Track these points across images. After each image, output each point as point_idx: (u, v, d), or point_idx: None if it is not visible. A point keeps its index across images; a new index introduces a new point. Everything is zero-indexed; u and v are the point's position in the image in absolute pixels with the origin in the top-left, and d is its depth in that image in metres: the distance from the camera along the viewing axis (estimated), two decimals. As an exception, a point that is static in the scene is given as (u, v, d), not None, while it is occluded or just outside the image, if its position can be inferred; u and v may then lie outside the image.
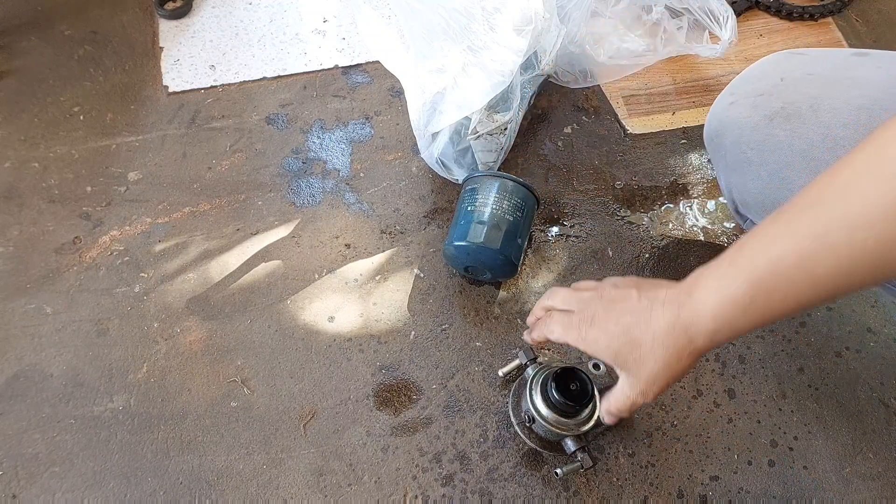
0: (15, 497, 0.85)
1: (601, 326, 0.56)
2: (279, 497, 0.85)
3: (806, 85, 0.68)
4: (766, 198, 0.70)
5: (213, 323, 0.98)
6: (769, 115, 0.69)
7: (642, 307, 0.54)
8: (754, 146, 0.70)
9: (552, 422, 0.71)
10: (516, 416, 0.74)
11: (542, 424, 0.72)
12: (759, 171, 0.70)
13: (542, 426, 0.72)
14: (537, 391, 0.72)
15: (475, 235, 0.91)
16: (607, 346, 0.55)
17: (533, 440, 0.73)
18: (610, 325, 0.55)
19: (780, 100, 0.69)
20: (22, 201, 1.09)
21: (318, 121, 1.17)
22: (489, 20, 0.94)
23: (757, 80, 0.74)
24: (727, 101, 0.75)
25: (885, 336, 0.96)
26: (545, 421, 0.71)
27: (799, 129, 0.66)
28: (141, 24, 1.30)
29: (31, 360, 0.95)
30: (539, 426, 0.72)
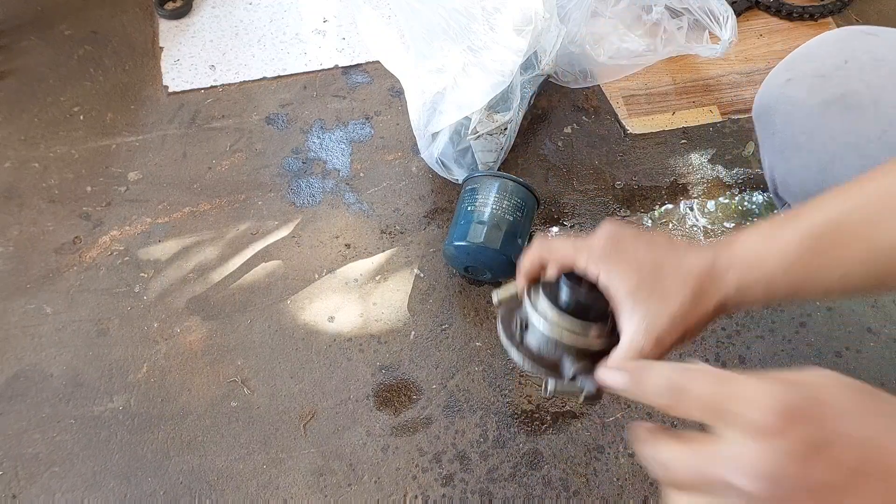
0: (15, 497, 0.85)
1: (628, 251, 0.47)
2: (279, 497, 0.85)
3: (871, 72, 0.63)
4: (809, 186, 0.66)
5: (213, 323, 0.98)
6: (827, 101, 0.64)
7: (677, 245, 0.48)
8: (807, 132, 0.65)
9: (554, 321, 0.50)
10: (506, 329, 0.54)
11: (542, 328, 0.51)
12: (807, 158, 0.66)
13: (540, 332, 0.51)
14: (539, 292, 0.52)
15: (475, 235, 0.91)
16: (629, 272, 0.46)
17: (524, 352, 0.51)
18: (639, 253, 0.47)
19: (840, 86, 0.63)
20: (22, 201, 1.09)
21: (318, 121, 1.17)
22: (489, 20, 0.94)
23: (818, 58, 0.67)
24: (783, 78, 0.69)
25: (885, 336, 0.96)
26: (546, 320, 0.50)
27: (856, 122, 0.61)
28: (141, 24, 1.30)
29: (31, 360, 0.95)
30: (535, 334, 0.51)
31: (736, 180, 1.10)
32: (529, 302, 0.52)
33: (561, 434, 0.89)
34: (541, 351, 0.51)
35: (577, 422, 0.90)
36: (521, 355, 0.51)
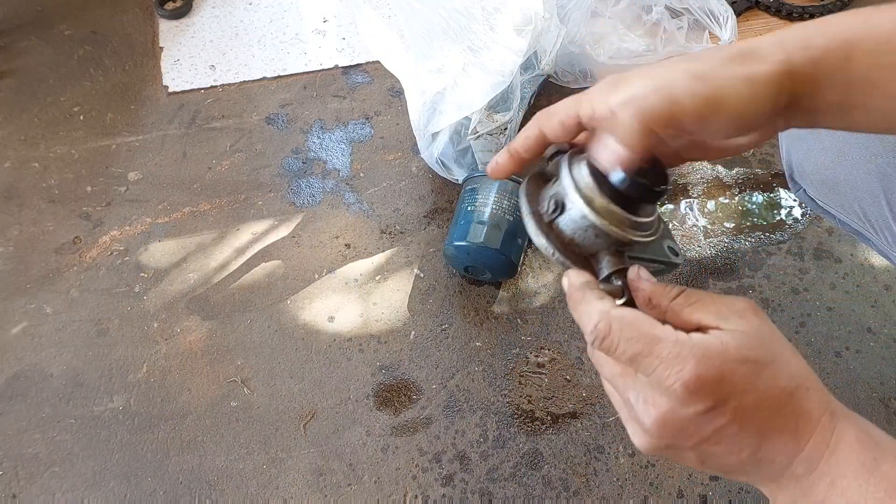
0: (15, 497, 0.85)
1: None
2: (279, 497, 0.85)
3: None
4: (826, 171, 0.67)
5: (213, 323, 0.98)
6: None
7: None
8: None
9: (601, 208, 0.39)
10: (531, 203, 0.43)
11: (579, 213, 0.40)
12: (824, 142, 0.66)
13: (577, 218, 0.40)
14: (582, 165, 0.41)
15: (475, 235, 0.91)
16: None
17: (553, 241, 0.41)
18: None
19: None
20: (22, 201, 1.09)
21: (318, 121, 1.17)
22: (489, 20, 0.94)
23: None
24: None
25: (885, 336, 0.96)
26: (590, 206, 0.40)
27: None
28: (141, 24, 1.30)
29: (31, 360, 0.95)
30: (572, 218, 0.41)
31: (736, 180, 1.10)
32: (571, 178, 0.41)
33: (561, 434, 0.89)
34: (575, 239, 0.42)
35: (577, 422, 0.90)
36: (549, 242, 0.42)
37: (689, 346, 0.34)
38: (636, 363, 0.35)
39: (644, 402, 0.36)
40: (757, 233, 1.05)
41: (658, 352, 0.34)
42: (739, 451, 0.35)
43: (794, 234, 1.04)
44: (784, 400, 0.35)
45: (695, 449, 0.36)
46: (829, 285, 0.99)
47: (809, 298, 0.98)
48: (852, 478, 0.35)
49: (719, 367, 0.34)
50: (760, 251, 1.03)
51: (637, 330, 0.35)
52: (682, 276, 1.01)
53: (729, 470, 0.37)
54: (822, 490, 0.35)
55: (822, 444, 0.35)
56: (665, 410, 0.35)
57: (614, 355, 0.36)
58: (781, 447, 0.35)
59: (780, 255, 1.02)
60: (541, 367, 0.94)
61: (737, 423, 0.35)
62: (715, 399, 0.34)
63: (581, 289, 0.39)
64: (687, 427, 0.35)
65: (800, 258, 1.02)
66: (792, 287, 0.99)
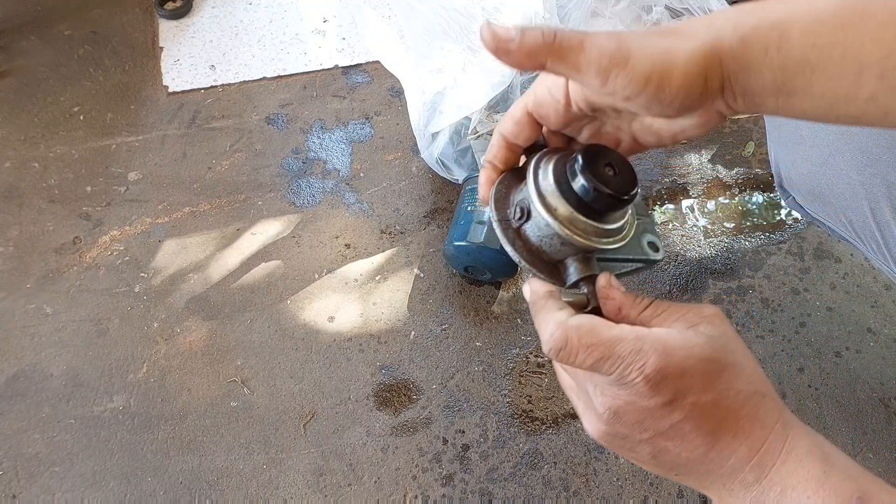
0: (15, 497, 0.85)
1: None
2: (279, 497, 0.85)
3: None
4: (811, 180, 0.67)
5: (213, 323, 0.98)
6: None
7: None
8: (809, 126, 0.65)
9: (564, 219, 0.39)
10: (499, 210, 0.42)
11: (543, 222, 0.40)
12: (809, 152, 0.66)
13: (542, 226, 0.40)
14: (548, 171, 0.40)
15: (475, 235, 0.91)
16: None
17: (518, 248, 0.41)
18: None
19: None
20: (22, 201, 1.09)
21: (318, 121, 1.17)
22: (489, 20, 0.94)
23: None
24: None
25: (885, 336, 0.96)
26: (552, 215, 0.39)
27: None
28: (141, 24, 1.30)
29: (31, 360, 0.95)
30: (538, 226, 0.40)
31: (736, 180, 1.10)
32: (535, 186, 0.40)
33: (561, 434, 0.89)
34: (542, 247, 0.41)
35: (577, 422, 0.90)
36: (515, 250, 0.41)
37: (651, 340, 0.34)
38: (597, 369, 0.35)
39: (602, 395, 0.36)
40: (757, 233, 1.05)
41: (619, 352, 0.34)
42: (693, 450, 0.36)
43: (794, 234, 1.04)
44: (741, 403, 0.36)
45: (649, 443, 0.36)
46: (829, 285, 0.99)
47: (809, 298, 0.98)
48: (801, 489, 0.35)
49: (681, 362, 0.34)
50: (760, 251, 1.03)
51: (596, 336, 0.35)
52: (682, 276, 1.01)
53: (680, 469, 0.37)
54: (771, 499, 0.35)
55: (773, 452, 0.36)
56: (624, 402, 0.35)
57: (574, 364, 0.35)
58: (735, 450, 0.35)
59: (781, 255, 1.02)
60: (541, 367, 0.94)
61: (693, 420, 0.35)
62: (674, 392, 0.34)
63: (543, 298, 0.39)
64: (644, 419, 0.35)
65: (800, 258, 1.02)
66: (792, 287, 0.99)
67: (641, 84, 0.33)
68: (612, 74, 0.33)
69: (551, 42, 0.34)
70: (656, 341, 0.34)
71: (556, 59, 0.34)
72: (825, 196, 0.66)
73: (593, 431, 0.38)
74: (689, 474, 0.37)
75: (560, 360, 0.36)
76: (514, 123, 0.41)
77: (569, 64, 0.34)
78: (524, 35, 0.34)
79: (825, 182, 0.65)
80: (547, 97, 0.40)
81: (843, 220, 0.66)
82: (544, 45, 0.34)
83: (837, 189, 0.64)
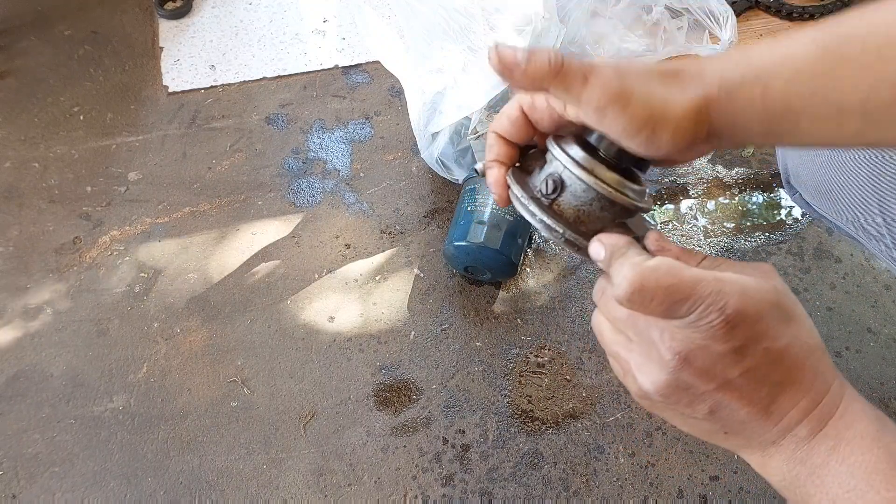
0: (15, 497, 0.85)
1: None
2: (279, 497, 0.85)
3: None
4: (819, 178, 0.67)
5: (213, 323, 0.98)
6: None
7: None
8: None
9: (603, 177, 0.39)
10: (526, 190, 0.41)
11: (583, 186, 0.39)
12: (818, 149, 0.66)
13: (580, 192, 0.39)
14: (571, 143, 0.40)
15: (475, 235, 0.91)
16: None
17: (557, 217, 0.40)
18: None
19: None
20: (22, 201, 1.09)
21: (318, 121, 1.17)
22: (489, 20, 0.94)
23: None
24: None
25: (885, 336, 0.96)
26: (593, 175, 0.39)
27: None
28: (141, 24, 1.30)
29: (31, 360, 0.95)
30: (572, 195, 0.40)
31: (736, 180, 1.10)
32: (568, 155, 0.40)
33: (561, 434, 0.89)
34: (580, 216, 0.40)
35: (577, 422, 0.90)
36: (558, 223, 0.39)
37: (730, 282, 0.33)
38: (673, 312, 0.33)
39: (672, 339, 0.34)
40: (757, 233, 1.05)
41: (700, 291, 0.33)
42: (756, 402, 0.35)
43: (794, 234, 1.04)
44: (805, 354, 0.35)
45: (711, 395, 0.35)
46: (829, 285, 0.99)
47: (809, 298, 0.98)
48: (856, 445, 0.34)
49: (757, 306, 0.33)
50: (760, 251, 1.03)
51: (676, 276, 0.33)
52: (682, 276, 1.01)
53: (733, 426, 0.36)
54: (822, 454, 0.35)
55: (832, 406, 0.35)
56: (697, 346, 0.33)
57: (648, 309, 0.33)
58: (797, 402, 0.35)
59: (781, 255, 1.02)
60: (541, 367, 0.94)
61: (763, 368, 0.34)
62: (748, 337, 0.33)
63: (624, 246, 0.37)
64: (715, 365, 0.34)
65: (800, 258, 1.02)
66: (792, 287, 0.99)
67: (636, 129, 0.35)
68: (610, 114, 0.35)
69: (557, 71, 0.35)
70: (735, 283, 0.33)
71: (558, 87, 0.35)
72: (833, 193, 0.66)
73: (652, 384, 0.35)
74: (740, 432, 0.36)
75: (633, 304, 0.34)
76: (510, 123, 0.42)
77: (570, 95, 0.36)
78: (530, 61, 0.35)
79: (833, 179, 0.64)
80: (543, 102, 0.40)
81: (850, 218, 0.66)
82: (549, 73, 0.35)
83: (846, 186, 0.64)
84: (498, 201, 0.43)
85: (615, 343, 0.38)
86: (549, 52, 0.35)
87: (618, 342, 0.38)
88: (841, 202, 0.66)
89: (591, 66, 0.35)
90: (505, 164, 0.43)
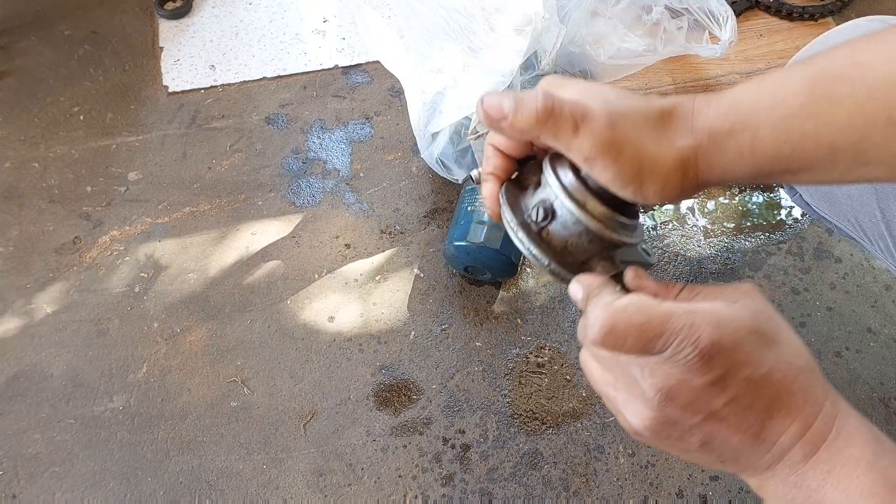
0: (15, 497, 0.85)
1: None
2: (279, 497, 0.85)
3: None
4: None
5: (213, 323, 0.98)
6: None
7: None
8: None
9: (593, 213, 0.38)
10: (516, 214, 0.41)
11: (573, 218, 0.39)
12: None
13: (570, 223, 0.39)
14: (567, 170, 0.39)
15: (475, 235, 0.91)
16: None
17: (545, 251, 0.40)
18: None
19: None
20: (22, 201, 1.09)
21: (318, 121, 1.17)
22: (489, 20, 0.94)
23: None
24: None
25: (885, 336, 0.96)
26: (583, 210, 0.38)
27: None
28: (141, 24, 1.30)
29: (31, 360, 0.95)
30: (561, 225, 0.39)
31: (736, 180, 1.10)
32: (559, 184, 0.39)
33: (561, 434, 0.89)
34: (567, 247, 0.40)
35: (577, 422, 0.90)
36: (543, 252, 0.40)
37: (701, 313, 0.33)
38: (649, 349, 0.33)
39: (651, 376, 0.34)
40: (757, 233, 1.05)
41: (671, 327, 0.32)
42: (745, 430, 0.34)
43: (794, 234, 1.04)
44: (792, 377, 0.35)
45: (700, 428, 0.34)
46: (829, 285, 0.99)
47: (809, 298, 0.98)
48: (851, 468, 0.34)
49: (733, 335, 0.33)
50: (760, 251, 1.03)
51: (646, 314, 0.33)
52: (682, 277, 1.01)
53: (727, 455, 0.36)
54: (817, 478, 0.34)
55: (824, 429, 0.35)
56: (677, 381, 0.33)
57: (623, 348, 0.33)
58: (786, 427, 0.34)
59: (781, 255, 1.02)
60: (541, 367, 0.94)
61: (748, 396, 0.34)
62: (728, 367, 0.33)
63: (598, 287, 0.37)
64: (697, 399, 0.34)
65: (800, 258, 1.02)
66: (792, 287, 0.99)
67: (626, 181, 0.36)
68: (600, 165, 0.35)
69: (545, 119, 0.35)
70: (707, 314, 0.33)
71: (547, 136, 0.35)
72: (834, 195, 0.66)
73: (640, 422, 0.35)
74: (735, 460, 0.36)
75: (608, 345, 0.33)
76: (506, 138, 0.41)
77: (560, 143, 0.36)
78: (517, 112, 0.35)
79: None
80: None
81: (850, 219, 0.65)
82: (537, 123, 0.35)
83: (847, 188, 0.63)
84: (491, 216, 0.43)
85: (604, 383, 0.38)
86: (536, 99, 0.35)
87: (606, 381, 0.38)
88: (841, 204, 0.66)
89: (583, 114, 0.35)
90: (500, 178, 0.42)
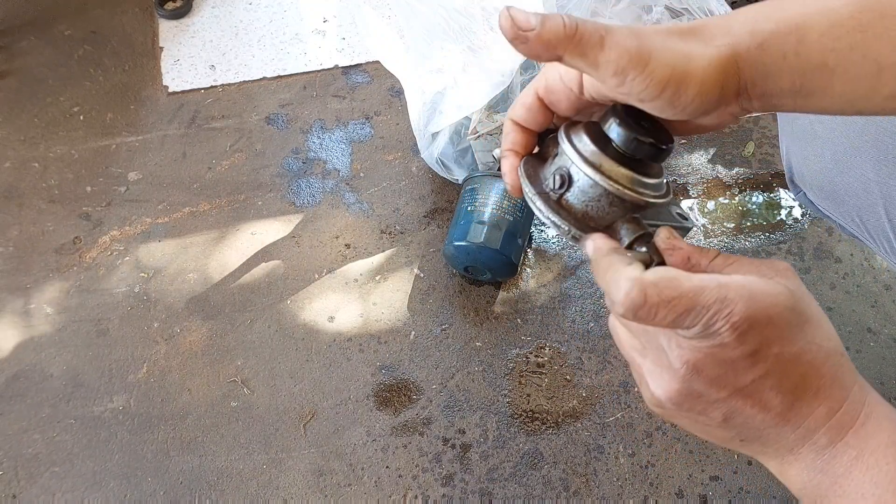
0: (15, 497, 0.85)
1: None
2: (279, 497, 0.85)
3: None
4: (824, 178, 0.65)
5: (213, 323, 0.98)
6: None
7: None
8: (824, 121, 0.63)
9: (611, 174, 0.37)
10: (534, 185, 0.40)
11: (590, 182, 0.38)
12: (823, 148, 0.64)
13: (588, 188, 0.38)
14: (582, 135, 0.38)
15: (475, 235, 0.91)
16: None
17: (566, 218, 0.39)
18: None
19: None
20: (22, 201, 1.09)
21: (318, 121, 1.17)
22: (489, 20, 0.94)
23: None
24: None
25: (885, 336, 0.96)
26: (600, 172, 0.37)
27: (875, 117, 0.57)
28: (141, 24, 1.30)
29: (31, 360, 0.95)
30: (580, 191, 0.39)
31: (736, 180, 1.10)
32: (574, 149, 0.38)
33: (561, 434, 0.89)
34: (588, 212, 0.39)
35: (577, 422, 0.90)
36: (563, 219, 0.39)
37: (735, 287, 0.32)
38: (679, 323, 0.32)
39: (679, 347, 0.33)
40: (757, 233, 1.05)
41: (703, 301, 0.31)
42: (771, 408, 0.33)
43: (794, 234, 1.04)
44: (822, 359, 0.34)
45: (724, 402, 0.33)
46: (829, 285, 0.99)
47: (809, 298, 0.98)
48: (881, 455, 0.33)
49: (767, 310, 0.32)
50: (761, 251, 1.03)
51: (677, 289, 0.31)
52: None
53: (749, 433, 0.35)
54: (844, 463, 0.33)
55: (852, 414, 0.34)
56: (705, 354, 0.32)
57: (654, 322, 0.32)
58: (814, 409, 0.34)
59: (781, 255, 1.02)
60: (541, 367, 0.94)
61: (776, 374, 0.33)
62: (759, 342, 0.32)
63: (609, 254, 0.35)
64: (725, 373, 0.33)
65: (800, 258, 1.02)
66: (792, 287, 0.99)
67: (658, 89, 0.33)
68: (630, 76, 0.32)
69: (572, 35, 0.32)
70: (741, 288, 0.32)
71: (574, 54, 0.33)
72: (838, 194, 0.65)
73: (663, 392, 0.34)
74: (756, 439, 0.35)
75: (639, 320, 0.32)
76: (525, 110, 0.40)
77: (587, 60, 0.33)
78: (544, 25, 0.32)
79: (839, 180, 0.63)
80: (559, 84, 0.39)
81: (854, 219, 0.65)
82: (564, 37, 0.32)
83: (851, 187, 0.63)
84: (510, 190, 0.42)
85: (631, 348, 0.37)
86: (562, 15, 0.33)
87: (634, 347, 0.37)
88: (846, 203, 0.65)
89: (607, 29, 0.32)
90: (519, 154, 0.41)
